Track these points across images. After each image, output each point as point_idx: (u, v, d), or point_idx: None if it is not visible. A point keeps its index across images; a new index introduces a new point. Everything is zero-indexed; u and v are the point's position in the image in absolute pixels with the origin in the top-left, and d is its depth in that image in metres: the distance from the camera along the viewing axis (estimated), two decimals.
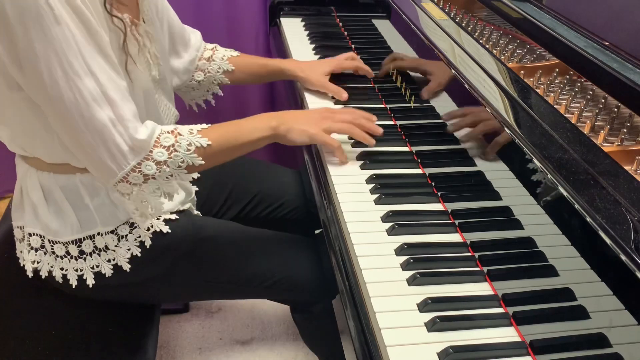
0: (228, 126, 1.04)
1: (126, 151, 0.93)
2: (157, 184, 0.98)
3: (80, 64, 0.87)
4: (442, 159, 1.12)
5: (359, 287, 0.87)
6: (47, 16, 0.84)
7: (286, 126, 1.06)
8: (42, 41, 0.85)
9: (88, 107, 0.89)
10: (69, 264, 1.05)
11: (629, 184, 0.71)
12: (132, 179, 0.95)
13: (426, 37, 1.21)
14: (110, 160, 0.93)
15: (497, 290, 0.85)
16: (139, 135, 0.93)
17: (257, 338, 1.73)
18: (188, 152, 0.97)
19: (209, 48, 1.37)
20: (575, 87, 0.93)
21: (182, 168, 0.98)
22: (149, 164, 0.95)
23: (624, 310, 0.64)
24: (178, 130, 0.98)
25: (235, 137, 1.03)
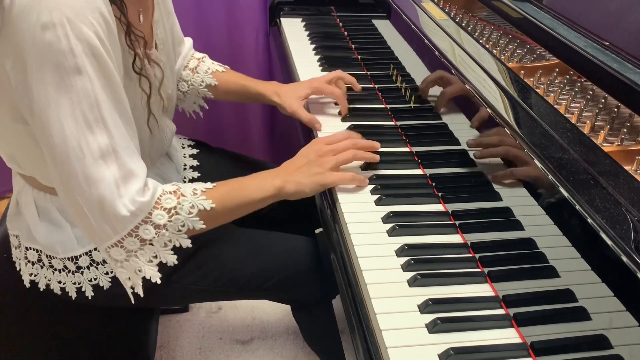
0: (231, 185, 0.99)
1: (126, 215, 0.86)
2: (154, 250, 0.91)
3: (96, 116, 0.83)
4: (442, 160, 1.12)
5: (360, 288, 0.87)
6: (68, 64, 0.80)
7: (292, 183, 1.00)
8: (57, 87, 0.80)
9: (94, 163, 0.83)
10: (67, 277, 1.03)
11: (629, 184, 0.71)
12: (128, 244, 0.88)
13: (426, 37, 1.21)
14: (105, 222, 0.86)
15: (497, 291, 0.85)
16: (141, 198, 0.87)
17: (257, 338, 1.73)
18: (190, 215, 0.91)
19: (196, 57, 1.35)
20: (575, 87, 0.93)
21: (182, 232, 0.91)
22: (147, 228, 0.88)
23: (625, 311, 0.64)
24: (181, 191, 0.92)
25: (238, 198, 0.98)
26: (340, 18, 1.81)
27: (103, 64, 0.83)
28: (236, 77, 1.36)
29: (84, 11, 0.80)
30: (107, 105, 0.84)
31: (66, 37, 0.79)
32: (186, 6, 1.81)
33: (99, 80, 0.82)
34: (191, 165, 1.33)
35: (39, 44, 0.79)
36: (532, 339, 0.77)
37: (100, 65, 0.82)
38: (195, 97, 1.36)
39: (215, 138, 2.07)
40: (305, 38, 1.69)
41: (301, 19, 1.80)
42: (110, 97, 0.84)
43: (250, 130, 2.12)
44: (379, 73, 1.47)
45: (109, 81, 0.84)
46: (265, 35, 1.94)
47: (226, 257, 1.14)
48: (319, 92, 1.31)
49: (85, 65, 0.81)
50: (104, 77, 0.83)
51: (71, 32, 0.79)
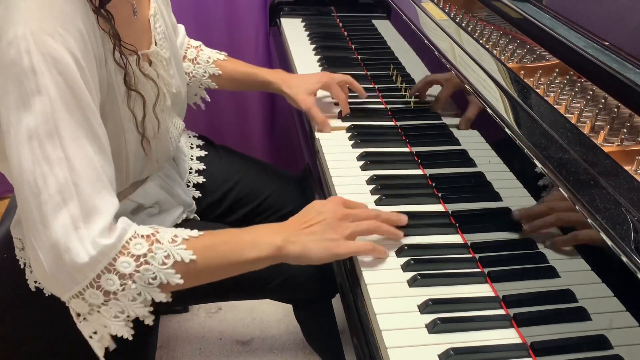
0: (221, 236, 0.85)
1: (83, 262, 0.74)
2: (121, 305, 0.77)
3: (55, 146, 0.73)
4: (442, 160, 1.12)
5: (360, 289, 0.87)
6: (29, 84, 0.72)
7: (298, 245, 0.85)
8: (17, 111, 0.72)
9: (49, 200, 0.73)
10: None
11: (629, 184, 0.71)
12: (89, 296, 0.76)
13: (426, 37, 1.21)
14: (61, 269, 0.75)
15: (498, 291, 0.85)
16: (104, 240, 0.75)
17: (257, 338, 1.73)
18: (163, 267, 0.77)
19: (193, 46, 1.32)
20: (575, 87, 0.93)
21: (153, 286, 0.78)
22: (110, 277, 0.75)
23: (625, 311, 0.64)
24: (157, 237, 0.79)
25: (225, 253, 0.83)
26: (340, 18, 1.81)
27: (71, 82, 0.74)
28: (240, 65, 1.33)
29: (52, 21, 0.73)
30: (71, 131, 0.74)
31: (28, 52, 0.72)
32: (186, 6, 1.81)
33: (63, 101, 0.73)
34: (197, 169, 1.32)
35: (3, 62, 0.73)
36: (532, 339, 0.77)
37: (67, 84, 0.74)
38: (197, 89, 1.33)
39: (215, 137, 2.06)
40: (305, 38, 1.69)
41: (301, 19, 1.81)
42: (77, 121, 0.75)
43: (250, 130, 2.12)
44: (379, 73, 1.47)
45: (76, 102, 0.75)
46: (265, 35, 1.94)
47: None
48: (328, 89, 1.29)
49: (47, 85, 0.72)
50: (71, 96, 0.74)
51: (34, 46, 0.72)
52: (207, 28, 1.88)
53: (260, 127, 2.13)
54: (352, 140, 1.20)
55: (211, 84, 1.32)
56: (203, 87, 1.33)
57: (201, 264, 0.81)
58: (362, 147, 1.17)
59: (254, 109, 2.07)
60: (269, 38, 1.91)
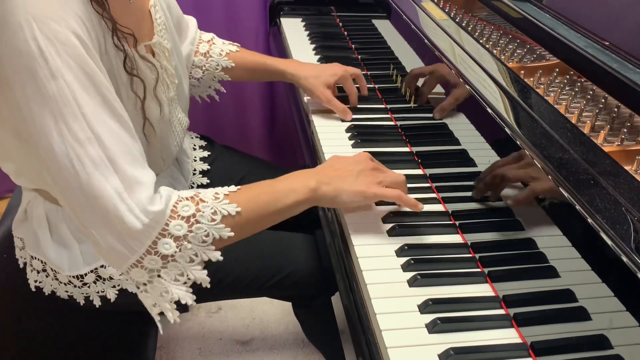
0: (258, 188, 0.88)
1: (138, 229, 0.76)
2: (180, 268, 0.80)
3: (82, 125, 0.74)
4: (442, 160, 1.12)
5: (360, 289, 0.87)
6: (42, 71, 0.73)
7: (331, 187, 0.90)
8: (38, 101, 0.73)
9: (89, 178, 0.75)
10: (74, 289, 1.02)
11: (629, 184, 0.71)
12: (148, 262, 0.79)
13: (426, 37, 1.21)
14: (118, 241, 0.77)
15: (498, 291, 0.85)
16: (153, 207, 0.77)
17: (257, 338, 1.73)
18: (213, 223, 0.80)
19: (205, 40, 1.31)
20: (575, 87, 0.93)
21: (207, 244, 0.81)
22: (166, 242, 0.78)
23: (625, 311, 0.64)
24: (200, 197, 0.82)
25: (267, 202, 0.86)
26: (340, 18, 1.81)
27: (82, 63, 0.75)
28: (252, 55, 1.32)
29: (52, 7, 0.74)
30: (93, 109, 0.75)
31: (34, 38, 0.72)
32: (186, 6, 1.80)
33: (79, 82, 0.74)
34: (201, 169, 1.32)
35: (12, 53, 0.73)
36: (532, 339, 0.77)
37: (78, 65, 0.75)
38: (211, 81, 1.32)
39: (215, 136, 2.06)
40: (305, 38, 1.69)
41: (301, 19, 1.80)
42: (96, 99, 0.76)
43: (250, 129, 2.12)
44: (379, 73, 1.47)
45: (91, 81, 0.76)
46: (265, 35, 1.94)
47: (228, 258, 1.13)
48: (343, 82, 1.29)
49: (59, 68, 0.73)
50: (85, 77, 0.75)
51: (39, 32, 0.72)
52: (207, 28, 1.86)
53: (260, 126, 2.13)
54: (352, 140, 1.20)
55: (224, 77, 1.31)
56: (216, 79, 1.32)
57: (246, 215, 0.84)
58: (362, 147, 1.17)
59: (253, 108, 2.07)
60: (269, 38, 1.91)
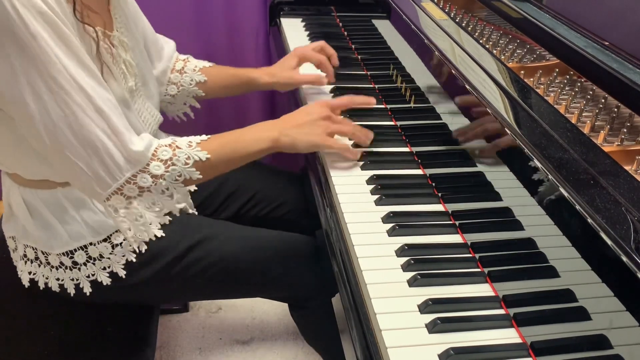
0: (227, 137, 1.02)
1: (122, 162, 0.91)
2: (153, 198, 0.96)
3: (65, 77, 0.85)
4: (442, 160, 1.12)
5: (360, 288, 0.87)
6: (22, 32, 0.81)
7: (289, 137, 1.04)
8: (21, 58, 0.82)
9: (78, 120, 0.86)
10: (65, 274, 1.03)
11: (629, 184, 0.71)
12: (127, 190, 0.93)
13: (426, 37, 1.21)
14: (104, 171, 0.90)
15: (497, 291, 0.85)
16: (135, 147, 0.92)
17: (257, 338, 1.73)
18: (186, 166, 0.96)
19: (181, 59, 1.35)
20: (575, 87, 0.93)
21: (179, 181, 0.96)
22: (144, 177, 0.93)
23: (625, 311, 0.64)
24: (177, 144, 0.97)
25: (233, 150, 1.01)
26: (340, 18, 1.81)
27: (55, 27, 0.84)
28: (225, 69, 1.36)
29: None
30: (73, 65, 0.85)
31: (13, 7, 0.80)
32: (186, 6, 1.81)
33: (55, 42, 0.83)
34: None
35: None
36: (532, 339, 0.77)
37: (53, 28, 0.83)
38: (186, 97, 1.35)
39: None
40: (305, 38, 1.69)
41: (301, 19, 1.80)
42: (73, 57, 0.86)
43: None
44: (379, 73, 1.47)
45: (66, 42, 0.85)
46: (265, 35, 1.94)
47: (225, 252, 1.14)
48: (305, 58, 1.36)
49: (38, 30, 0.82)
50: (59, 38, 0.84)
51: (17, 1, 0.80)
52: (207, 28, 1.88)
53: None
54: (352, 140, 1.20)
55: (199, 92, 1.34)
56: (191, 95, 1.34)
57: (215, 160, 0.98)
58: (362, 147, 1.17)
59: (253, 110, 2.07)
60: (269, 38, 1.91)
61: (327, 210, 1.04)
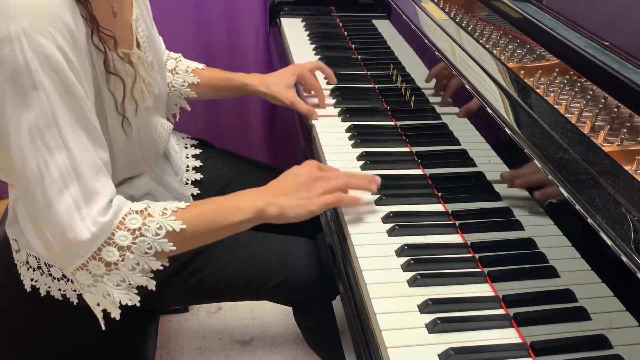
0: (206, 205, 0.93)
1: (86, 239, 0.82)
2: (122, 275, 0.86)
3: (54, 135, 0.79)
4: (442, 160, 1.12)
5: (360, 288, 0.87)
6: (25, 80, 0.77)
7: (275, 206, 0.93)
8: (15, 105, 0.78)
9: (52, 185, 0.80)
10: (67, 285, 1.02)
11: (629, 184, 0.71)
12: (92, 267, 0.85)
13: (426, 37, 1.21)
14: (67, 246, 0.83)
15: (497, 291, 0.85)
16: (103, 218, 0.83)
17: (257, 338, 1.73)
18: (157, 237, 0.86)
19: (172, 57, 1.33)
20: (575, 87, 0.93)
21: (149, 255, 0.86)
22: (110, 250, 0.84)
23: (625, 311, 0.64)
24: (149, 211, 0.87)
25: (212, 220, 0.91)
26: (340, 18, 1.81)
27: (63, 77, 0.79)
28: (217, 72, 1.34)
29: (43, 21, 0.77)
30: (68, 121, 0.80)
31: (22, 51, 0.76)
32: (186, 6, 1.81)
33: (58, 94, 0.79)
34: (194, 166, 1.33)
35: None
36: (532, 339, 0.77)
37: (60, 79, 0.79)
38: (177, 98, 1.33)
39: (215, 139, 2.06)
40: (305, 38, 1.69)
41: (301, 19, 1.80)
42: (72, 111, 0.81)
43: (250, 131, 2.12)
44: (379, 73, 1.47)
45: (70, 95, 0.80)
46: (265, 35, 1.94)
47: (227, 259, 1.14)
48: (302, 79, 1.32)
49: (42, 80, 0.78)
50: (65, 90, 0.80)
51: (27, 45, 0.76)
52: (207, 28, 1.88)
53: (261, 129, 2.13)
54: (352, 140, 1.20)
55: (190, 93, 1.32)
56: (183, 96, 1.33)
57: (191, 231, 0.88)
58: (362, 147, 1.17)
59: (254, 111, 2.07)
60: (269, 38, 1.91)
61: (327, 211, 1.04)
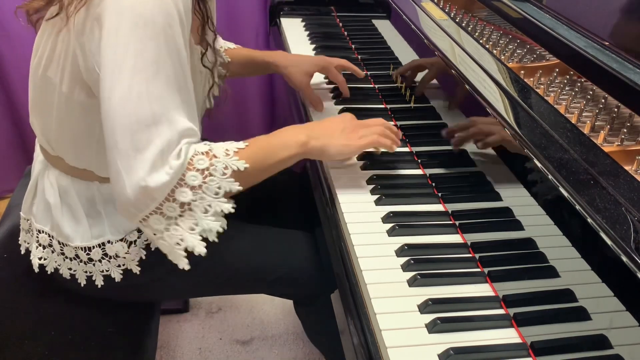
0: (257, 143, 0.97)
1: (165, 182, 0.84)
2: (195, 217, 0.87)
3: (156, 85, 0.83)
4: (442, 160, 1.12)
5: (360, 288, 0.87)
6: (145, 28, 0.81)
7: (320, 142, 1.00)
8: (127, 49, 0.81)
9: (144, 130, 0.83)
10: (78, 266, 1.04)
11: (629, 184, 0.71)
12: (167, 209, 0.86)
13: (426, 37, 1.21)
14: (144, 191, 0.83)
15: (497, 291, 0.85)
16: (177, 161, 0.85)
17: (257, 338, 1.73)
18: (224, 177, 0.88)
19: None
20: (575, 87, 0.93)
21: (219, 195, 0.88)
22: (183, 190, 0.85)
23: (625, 311, 0.64)
24: (213, 152, 0.90)
25: (265, 157, 0.96)
26: (340, 18, 1.81)
27: (176, 36, 0.84)
28: (245, 51, 1.40)
29: None
30: (171, 76, 0.84)
31: (146, 2, 0.81)
32: None
33: (168, 50, 0.83)
34: None
35: (120, 5, 0.81)
36: (532, 339, 0.77)
37: (173, 36, 0.84)
38: None
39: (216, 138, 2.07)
40: (305, 38, 1.69)
41: (301, 19, 1.81)
42: (176, 70, 0.85)
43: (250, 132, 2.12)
44: (379, 73, 1.47)
45: (178, 54, 0.85)
46: (265, 35, 1.94)
47: (229, 251, 1.15)
48: (326, 72, 1.35)
49: (159, 34, 0.82)
50: (175, 49, 0.84)
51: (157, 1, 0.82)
52: None
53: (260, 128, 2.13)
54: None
55: (222, 72, 1.34)
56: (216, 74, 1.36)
57: (252, 170, 0.92)
58: None
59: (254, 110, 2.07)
60: (269, 38, 1.91)
61: (327, 210, 1.04)
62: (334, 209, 1.03)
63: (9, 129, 2.08)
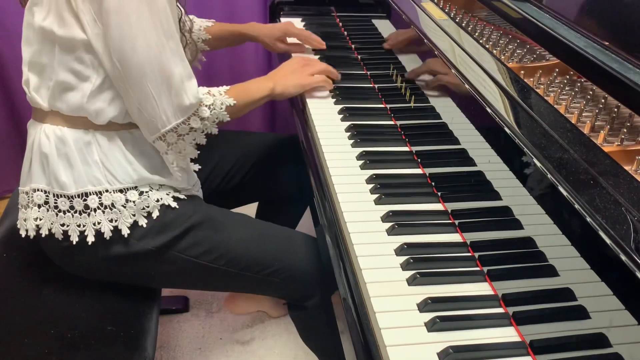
0: (238, 87, 1.21)
1: (186, 105, 1.06)
2: (195, 136, 1.13)
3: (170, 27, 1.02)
4: (442, 159, 1.13)
5: (359, 287, 0.87)
6: None
7: (281, 86, 1.28)
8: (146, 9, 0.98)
9: (169, 60, 1.02)
10: (72, 219, 1.07)
11: (629, 184, 0.71)
12: (181, 130, 1.09)
13: (426, 37, 1.21)
14: (172, 109, 1.05)
15: (497, 290, 0.85)
16: (198, 94, 1.08)
17: (257, 338, 1.73)
18: (221, 110, 1.15)
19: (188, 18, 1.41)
20: (575, 87, 0.93)
21: (215, 124, 1.15)
22: (195, 119, 1.10)
23: (624, 310, 0.64)
24: (212, 92, 1.16)
25: (246, 97, 1.21)
26: (340, 18, 1.81)
27: None
28: (222, 25, 1.58)
29: None
30: (174, 22, 1.04)
31: None
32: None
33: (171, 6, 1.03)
34: None
35: None
36: (531, 338, 0.77)
37: None
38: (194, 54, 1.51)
39: None
40: None
41: (301, 19, 1.81)
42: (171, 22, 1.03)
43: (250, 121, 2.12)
44: (379, 73, 1.47)
45: (172, 12, 1.04)
46: None
47: (230, 237, 1.18)
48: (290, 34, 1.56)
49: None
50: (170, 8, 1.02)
51: None
52: None
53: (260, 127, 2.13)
54: (352, 139, 1.20)
55: (204, 47, 1.55)
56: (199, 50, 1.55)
57: (237, 105, 1.18)
58: (361, 146, 1.17)
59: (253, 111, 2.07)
60: None
61: (327, 209, 1.04)
62: (334, 209, 1.03)
63: (9, 129, 2.08)
